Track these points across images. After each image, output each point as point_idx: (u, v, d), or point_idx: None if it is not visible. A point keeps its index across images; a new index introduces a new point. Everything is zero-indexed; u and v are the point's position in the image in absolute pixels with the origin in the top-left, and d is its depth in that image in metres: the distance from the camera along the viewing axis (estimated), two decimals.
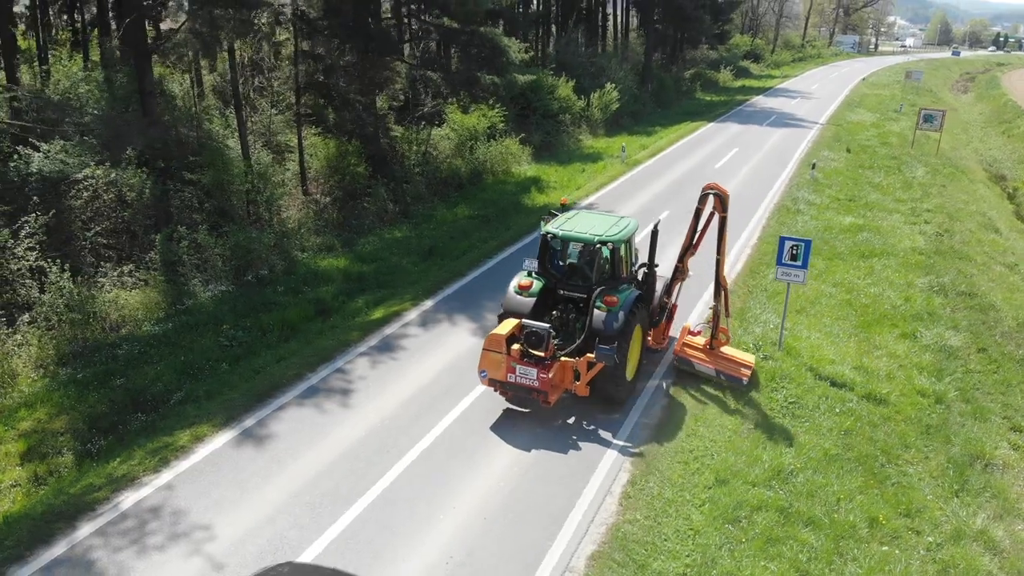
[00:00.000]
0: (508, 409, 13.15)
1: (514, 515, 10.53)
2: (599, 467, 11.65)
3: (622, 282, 13.60)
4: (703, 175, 30.71)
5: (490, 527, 10.29)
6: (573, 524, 10.39)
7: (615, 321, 12.59)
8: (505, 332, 12.50)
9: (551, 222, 13.80)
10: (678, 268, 14.93)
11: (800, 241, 14.95)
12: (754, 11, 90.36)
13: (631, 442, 12.32)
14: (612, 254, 13.58)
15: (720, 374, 14.20)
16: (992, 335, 16.93)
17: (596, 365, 12.37)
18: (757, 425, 12.89)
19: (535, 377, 12.19)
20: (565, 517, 10.52)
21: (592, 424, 12.86)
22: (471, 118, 31.27)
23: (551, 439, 12.32)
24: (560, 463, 11.72)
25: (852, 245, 22.23)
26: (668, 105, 52.34)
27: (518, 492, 11.03)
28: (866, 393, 14.05)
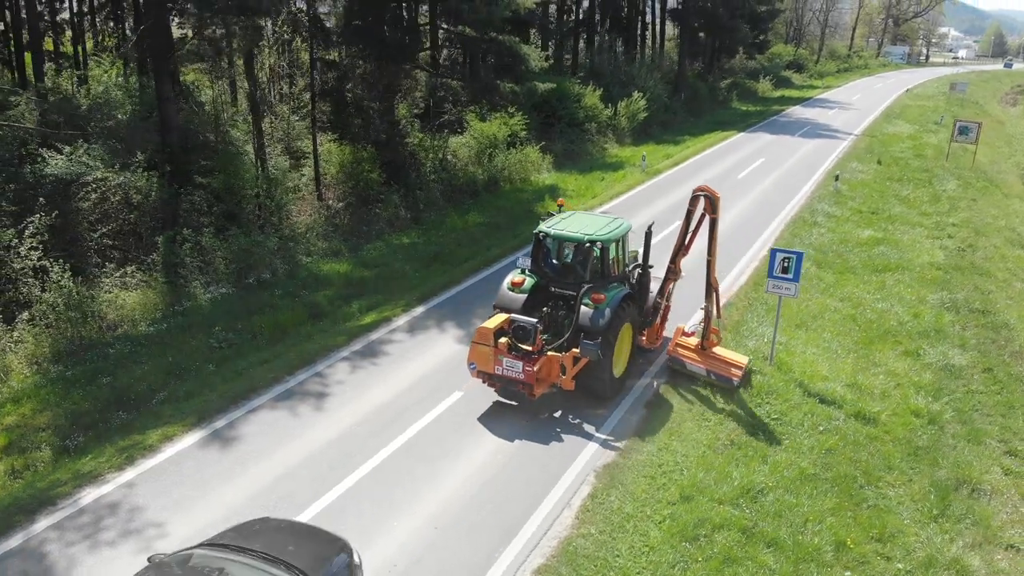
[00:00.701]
0: (496, 402, 13.46)
1: (468, 525, 10.39)
2: (561, 480, 11.44)
3: (612, 281, 13.87)
4: (723, 186, 30.21)
5: (442, 536, 10.17)
6: (525, 536, 10.20)
7: (601, 318, 12.87)
8: (493, 326, 12.87)
9: (545, 222, 14.18)
10: (670, 269, 15.06)
11: (791, 253, 14.56)
12: (798, 20, 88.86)
13: (607, 445, 12.09)
14: (602, 253, 13.79)
15: (711, 374, 14.27)
16: (1001, 355, 16.23)
17: (581, 360, 12.70)
18: (734, 441, 12.53)
19: (520, 370, 12.53)
20: (519, 529, 10.34)
21: (577, 419, 13.12)
22: (491, 126, 31.27)
23: (518, 449, 12.16)
24: (525, 472, 11.55)
25: (866, 259, 21.59)
26: (701, 114, 51.70)
27: (476, 501, 10.89)
28: (855, 411, 13.57)
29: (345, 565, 8.37)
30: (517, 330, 12.89)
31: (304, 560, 8.08)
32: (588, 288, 13.22)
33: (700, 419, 13.22)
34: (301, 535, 8.75)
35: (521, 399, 13.43)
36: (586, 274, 13.73)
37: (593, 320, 12.87)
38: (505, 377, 12.77)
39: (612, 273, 14.01)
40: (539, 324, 12.97)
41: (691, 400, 13.87)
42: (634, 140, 41.64)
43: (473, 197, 28.71)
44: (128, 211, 19.55)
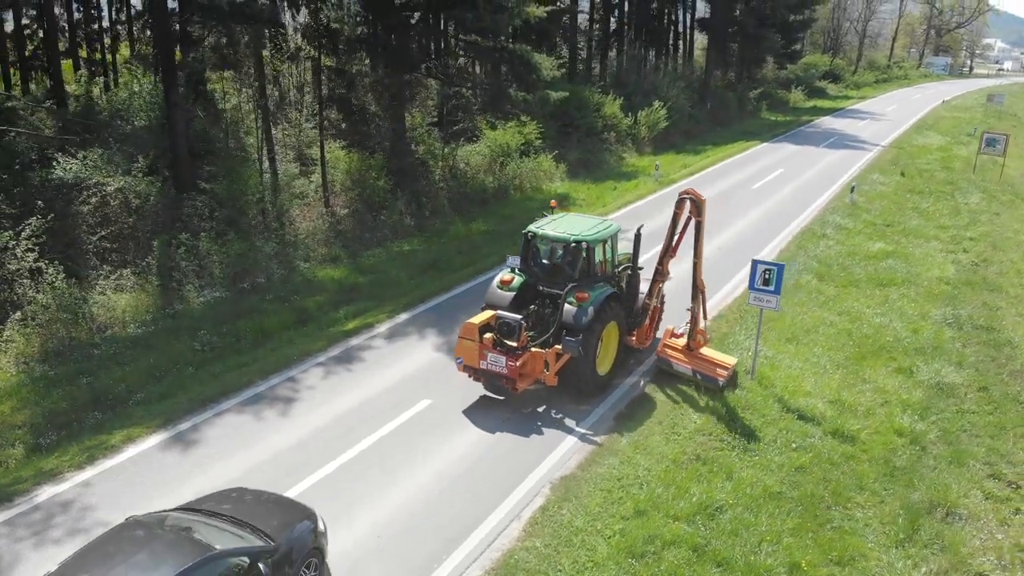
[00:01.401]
0: (483, 396, 13.88)
1: (412, 534, 10.27)
2: (515, 491, 11.27)
3: (598, 281, 14.15)
4: (736, 196, 29.80)
5: (382, 545, 10.06)
6: (468, 547, 10.04)
7: (584, 316, 13.19)
8: (478, 321, 13.35)
9: (536, 222, 14.58)
10: (658, 271, 15.19)
11: (773, 265, 14.20)
12: (835, 30, 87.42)
13: (586, 439, 11.91)
14: (588, 254, 14.00)
15: (696, 374, 14.45)
16: (1000, 373, 15.61)
17: (563, 356, 13.09)
18: (700, 456, 12.22)
19: (504, 365, 12.93)
20: (463, 540, 10.18)
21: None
22: (505, 134, 31.23)
23: (481, 456, 12.01)
24: (483, 482, 11.40)
25: (872, 272, 21.01)
26: (728, 124, 51.06)
27: (427, 510, 10.77)
28: (834, 429, 13.15)
29: (309, 530, 9.23)
30: (502, 326, 13.29)
31: (269, 524, 9.00)
32: (572, 287, 13.57)
33: (670, 432, 12.93)
34: (271, 503, 9.66)
35: (521, 396, 13.77)
36: (574, 273, 14.04)
37: (576, 318, 13.18)
38: (489, 372, 13.16)
39: (598, 273, 14.28)
40: (523, 321, 13.33)
41: (672, 403, 13.86)
42: (655, 149, 41.26)
43: (482, 205, 28.68)
44: (127, 215, 19.88)
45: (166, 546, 8.07)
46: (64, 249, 18.67)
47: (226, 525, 8.80)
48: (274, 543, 8.72)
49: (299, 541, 9.02)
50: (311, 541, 9.20)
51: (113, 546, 8.09)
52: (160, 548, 8.02)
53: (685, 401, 14.02)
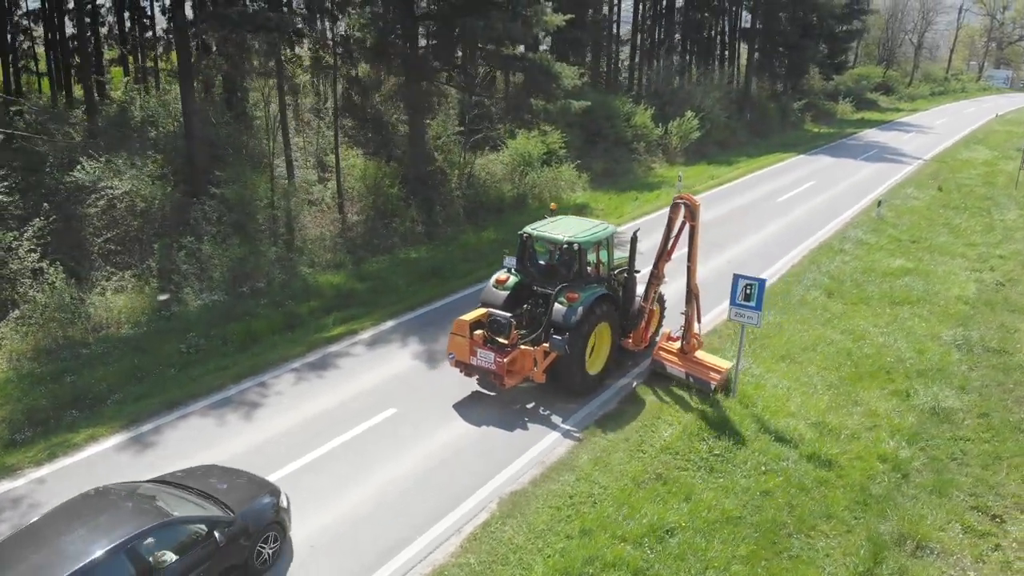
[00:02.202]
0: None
1: (346, 546, 10.10)
2: (465, 503, 11.02)
3: (591, 282, 14.35)
4: (758, 209, 29.07)
5: (315, 556, 9.92)
6: (400, 562, 9.83)
7: (573, 315, 13.43)
8: (470, 318, 13.80)
9: (533, 224, 14.97)
10: (653, 274, 15.23)
11: (754, 280, 13.68)
12: (890, 41, 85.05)
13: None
14: (580, 255, 14.14)
15: (689, 377, 14.60)
16: (1004, 399, 14.75)
17: (551, 354, 13.36)
18: (661, 475, 11.79)
19: (492, 361, 13.30)
20: (397, 552, 9.98)
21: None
22: (527, 143, 31.07)
23: (438, 468, 11.80)
24: (431, 493, 11.18)
25: (887, 290, 20.18)
26: (768, 135, 50.01)
27: (369, 521, 10.60)
28: (811, 453, 12.57)
29: (270, 506, 9.76)
30: (492, 323, 13.69)
31: (231, 498, 9.60)
32: (563, 287, 13.87)
33: (635, 449, 12.52)
34: (237, 479, 10.25)
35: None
36: (568, 274, 14.28)
37: (565, 317, 13.43)
38: (479, 367, 13.56)
39: (591, 274, 14.50)
40: (513, 319, 13.69)
41: (650, 415, 13.69)
42: (687, 160, 40.66)
43: (497, 214, 28.53)
44: (132, 218, 20.27)
45: (127, 511, 8.74)
46: (69, 250, 19.11)
47: (191, 496, 9.44)
48: (232, 515, 9.24)
49: (258, 515, 9.51)
50: (271, 516, 9.65)
51: (77, 510, 8.76)
52: (121, 512, 8.69)
53: (663, 414, 13.62)
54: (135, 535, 8.26)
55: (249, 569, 9.43)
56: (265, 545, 9.57)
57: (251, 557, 9.40)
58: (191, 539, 8.75)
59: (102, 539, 8.15)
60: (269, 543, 9.64)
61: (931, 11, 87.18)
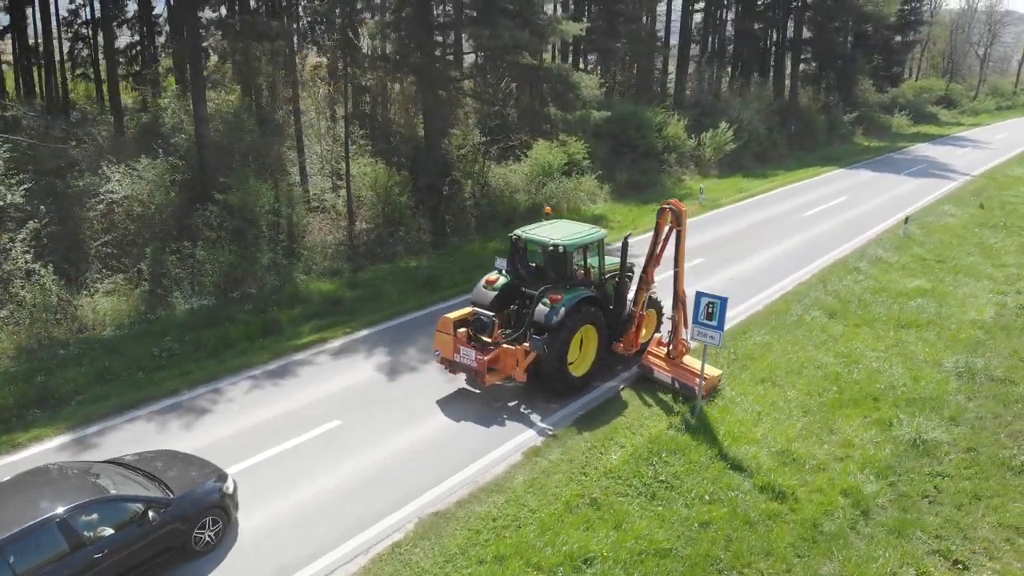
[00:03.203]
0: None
1: (247, 564, 9.84)
2: (384, 520, 10.68)
3: (578, 284, 14.47)
4: (779, 223, 28.05)
5: (217, 570, 9.70)
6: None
7: (554, 316, 13.59)
8: (455, 316, 14.25)
9: (524, 227, 15.26)
10: (642, 279, 15.27)
11: (716, 298, 13.01)
12: (954, 53, 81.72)
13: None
14: (565, 257, 14.29)
15: (675, 382, 14.64)
16: (997, 433, 13.67)
17: (532, 354, 13.55)
18: (597, 500, 11.23)
19: (473, 358, 13.64)
20: (297, 571, 9.69)
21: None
22: (547, 153, 30.71)
23: (369, 482, 11.50)
24: (350, 506, 10.88)
25: (896, 311, 19.08)
26: (814, 148, 48.37)
27: (279, 538, 10.34)
28: (766, 483, 11.82)
29: (213, 490, 10.03)
30: (476, 322, 14.13)
31: (176, 480, 9.97)
32: (547, 288, 14.07)
33: (578, 471, 11.99)
34: (186, 463, 10.62)
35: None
36: (556, 277, 14.40)
37: (547, 318, 13.62)
38: (461, 364, 13.92)
39: (579, 277, 14.66)
40: (496, 318, 14.14)
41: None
42: (721, 172, 39.61)
43: (508, 225, 28.14)
44: (130, 222, 20.63)
45: (66, 486, 9.19)
46: (66, 252, 19.52)
47: (137, 477, 9.85)
48: (171, 496, 9.58)
49: (197, 498, 9.78)
50: (212, 500, 9.88)
51: (22, 483, 9.29)
52: (60, 487, 9.15)
53: (617, 434, 13.05)
54: (68, 508, 8.62)
55: (188, 551, 9.64)
56: (205, 529, 9.77)
57: (189, 540, 9.61)
58: (128, 517, 9.06)
59: (35, 510, 8.55)
60: (209, 527, 9.83)
61: (998, 23, 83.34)
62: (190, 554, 9.75)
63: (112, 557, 8.85)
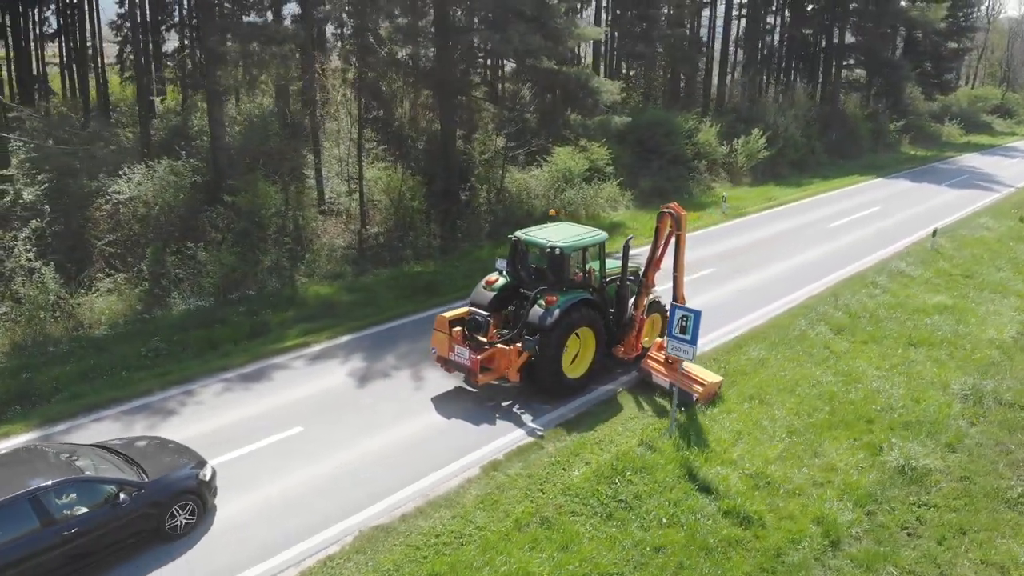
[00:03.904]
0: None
1: (183, 569, 9.69)
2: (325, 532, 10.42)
3: (576, 287, 14.51)
4: (803, 234, 27.15)
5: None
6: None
7: (548, 317, 13.58)
8: (450, 315, 14.43)
9: (524, 229, 15.35)
10: (642, 283, 15.23)
11: (690, 312, 12.45)
12: (1012, 60, 78.54)
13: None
14: (562, 259, 14.23)
15: (673, 387, 13.96)
16: (996, 463, 12.79)
17: (524, 354, 13.62)
18: (549, 519, 10.78)
19: (467, 357, 13.73)
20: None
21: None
22: (568, 158, 30.31)
23: (322, 490, 11.26)
24: (308, 513, 10.66)
25: (909, 329, 18.15)
26: (857, 156, 46.88)
27: (214, 544, 10.16)
28: (733, 507, 11.22)
29: (191, 476, 10.35)
30: (471, 321, 14.26)
31: (153, 465, 10.31)
32: (543, 289, 14.10)
33: (536, 487, 11.57)
34: (167, 449, 10.97)
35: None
36: (555, 278, 14.34)
37: (541, 319, 13.60)
38: (456, 363, 14.02)
39: (574, 279, 14.67)
40: (491, 318, 14.22)
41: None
42: (754, 180, 38.64)
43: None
44: (135, 222, 20.88)
45: (43, 465, 9.59)
46: (70, 251, 19.84)
47: (116, 460, 10.25)
48: (145, 480, 9.91)
49: (173, 482, 10.10)
50: (187, 486, 10.17)
51: (2, 461, 9.88)
52: (36, 466, 9.56)
53: (583, 450, 12.60)
54: (41, 487, 9.04)
55: (161, 534, 9.97)
56: (179, 513, 10.08)
57: (162, 523, 9.92)
58: (102, 498, 9.41)
59: (8, 487, 8.98)
60: (183, 512, 10.13)
61: None
62: (164, 537, 10.02)
63: (83, 536, 9.19)
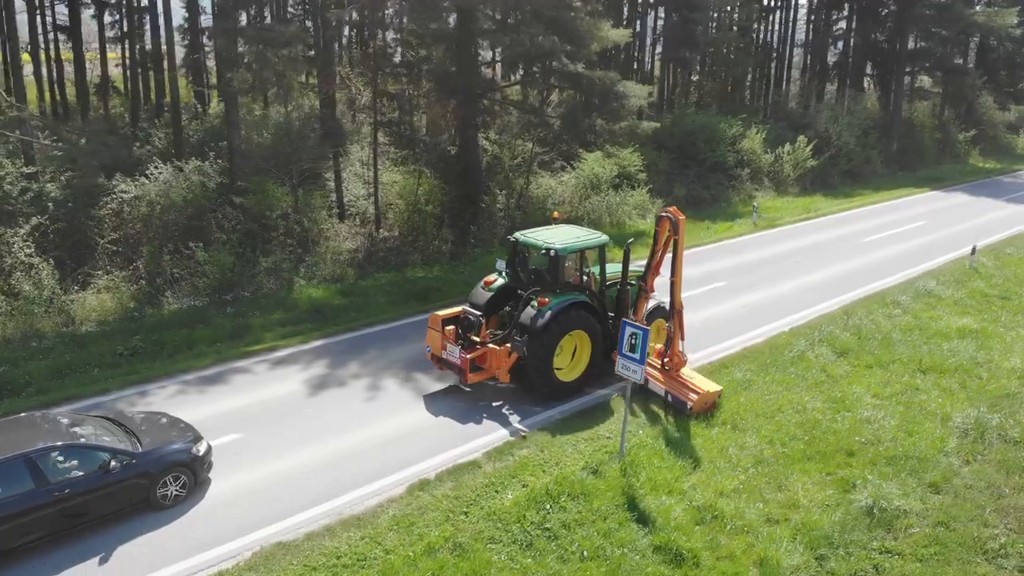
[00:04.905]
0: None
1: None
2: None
3: (573, 289, 14.45)
4: (834, 248, 25.74)
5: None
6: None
7: (540, 319, 13.52)
8: (443, 314, 14.57)
9: (524, 230, 15.39)
10: (641, 288, 15.02)
11: (639, 329, 11.63)
12: None
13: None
14: (558, 261, 14.15)
15: (668, 394, 14.21)
16: (984, 507, 11.51)
17: (513, 355, 13.71)
18: (463, 546, 10.15)
19: (457, 356, 13.88)
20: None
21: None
22: (600, 164, 29.61)
23: (231, 503, 10.94)
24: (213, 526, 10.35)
25: (924, 354, 16.77)
26: (916, 167, 44.46)
27: (125, 553, 9.94)
28: (667, 542, 10.39)
29: (184, 450, 10.95)
30: (464, 320, 14.41)
31: (150, 437, 10.99)
32: (535, 290, 14.07)
33: (460, 510, 10.95)
34: (166, 424, 11.66)
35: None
36: (552, 280, 14.30)
37: (532, 320, 13.57)
38: (447, 361, 14.19)
39: (570, 281, 14.63)
40: (484, 317, 14.41)
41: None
42: (802, 190, 36.99)
43: None
44: (137, 221, 21.16)
45: (42, 431, 10.48)
46: (73, 248, 20.22)
47: (117, 431, 10.96)
48: (139, 450, 10.56)
49: (164, 454, 10.71)
50: (178, 459, 10.78)
51: (9, 425, 10.76)
52: (37, 431, 10.44)
53: (524, 471, 11.91)
54: (36, 449, 9.83)
55: (152, 503, 10.56)
56: (170, 485, 10.67)
57: (153, 493, 10.50)
58: (95, 465, 10.08)
59: (8, 448, 9.78)
60: (175, 484, 10.71)
61: None
62: (155, 506, 10.59)
63: (74, 498, 9.84)
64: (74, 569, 9.65)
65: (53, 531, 9.82)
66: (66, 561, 9.75)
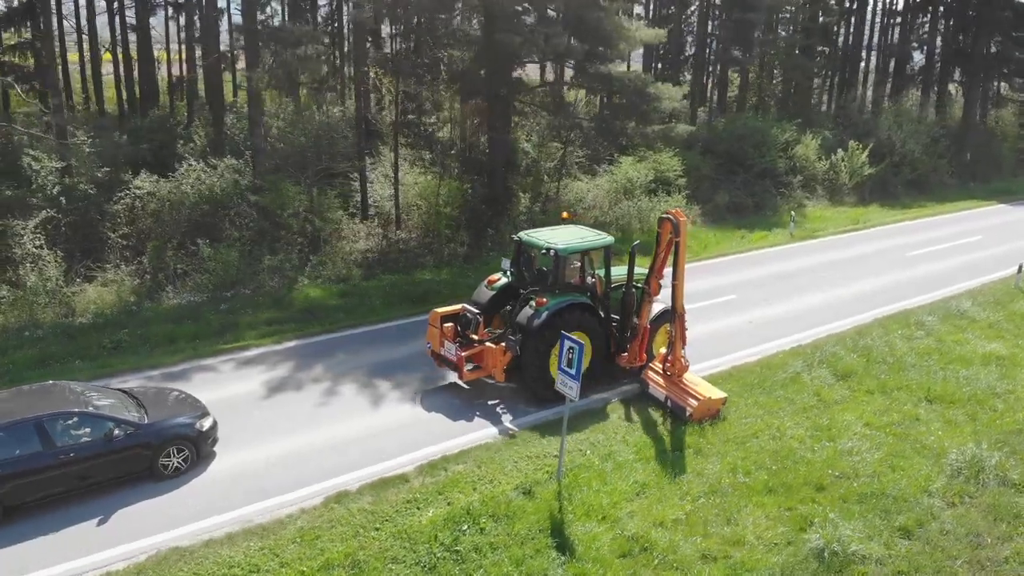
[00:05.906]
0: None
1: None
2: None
3: (574, 290, 14.34)
4: (873, 261, 24.31)
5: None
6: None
7: (536, 319, 13.50)
8: (442, 311, 14.70)
9: (528, 230, 15.40)
10: (644, 291, 14.82)
11: (576, 343, 10.91)
12: None
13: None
14: (559, 261, 14.01)
15: (668, 400, 14.03)
16: (956, 558, 10.31)
17: (508, 353, 13.68)
18: (360, 563, 9.68)
19: (454, 353, 14.01)
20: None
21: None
22: (637, 169, 28.80)
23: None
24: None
25: (935, 380, 15.41)
26: (990, 178, 41.63)
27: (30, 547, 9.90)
28: (581, 574, 9.66)
29: (187, 424, 11.58)
30: (462, 318, 14.50)
31: (157, 411, 11.68)
32: (534, 290, 14.10)
33: (372, 525, 10.48)
34: (178, 401, 12.35)
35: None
36: (550, 280, 14.20)
37: (529, 320, 13.56)
38: (445, 358, 14.33)
39: (572, 282, 14.52)
40: (481, 315, 14.43)
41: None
42: (859, 199, 35.00)
43: None
44: (146, 217, 21.55)
45: (55, 398, 11.21)
46: (83, 241, 20.72)
47: (128, 403, 11.71)
48: (144, 422, 11.23)
49: (168, 427, 11.36)
50: (183, 432, 11.41)
51: (22, 393, 11.59)
52: (50, 399, 11.17)
53: (455, 487, 11.34)
54: (45, 414, 10.62)
55: (154, 472, 11.19)
56: (172, 457, 11.31)
57: (155, 463, 11.15)
58: (100, 432, 10.78)
59: (20, 412, 10.62)
60: (176, 456, 11.35)
61: None
62: (156, 475, 11.21)
63: (78, 462, 10.57)
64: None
65: (58, 491, 10.51)
66: (62, 522, 10.39)
